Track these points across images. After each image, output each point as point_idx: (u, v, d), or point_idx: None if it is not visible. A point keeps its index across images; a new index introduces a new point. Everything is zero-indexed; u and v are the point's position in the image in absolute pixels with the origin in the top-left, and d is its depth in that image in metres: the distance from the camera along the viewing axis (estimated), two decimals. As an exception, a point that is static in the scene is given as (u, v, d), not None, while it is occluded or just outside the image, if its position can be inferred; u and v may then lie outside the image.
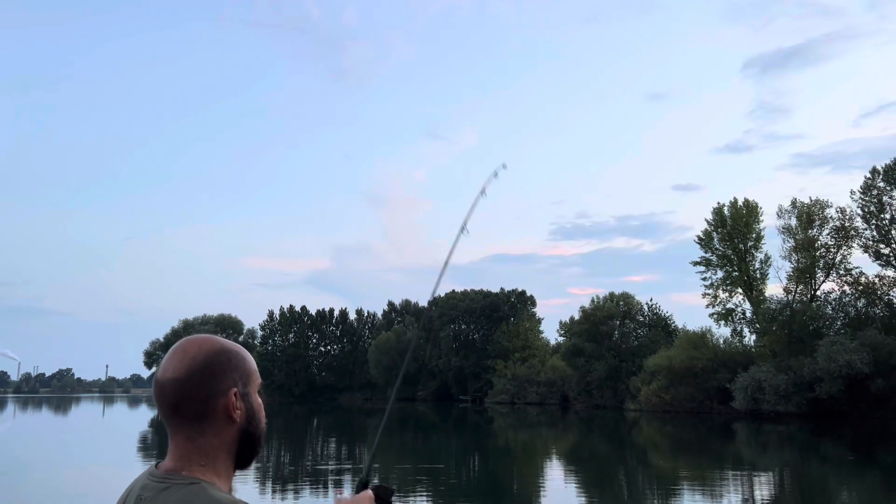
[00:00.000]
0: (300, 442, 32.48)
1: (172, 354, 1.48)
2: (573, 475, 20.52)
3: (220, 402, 1.45)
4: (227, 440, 1.47)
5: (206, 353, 1.47)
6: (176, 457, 1.44)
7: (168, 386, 1.44)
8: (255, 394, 1.54)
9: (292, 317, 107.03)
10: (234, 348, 1.52)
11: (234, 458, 1.49)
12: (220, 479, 1.44)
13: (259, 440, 1.53)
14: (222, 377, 1.47)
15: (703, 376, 51.99)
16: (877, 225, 48.23)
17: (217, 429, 1.45)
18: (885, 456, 26.13)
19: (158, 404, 1.46)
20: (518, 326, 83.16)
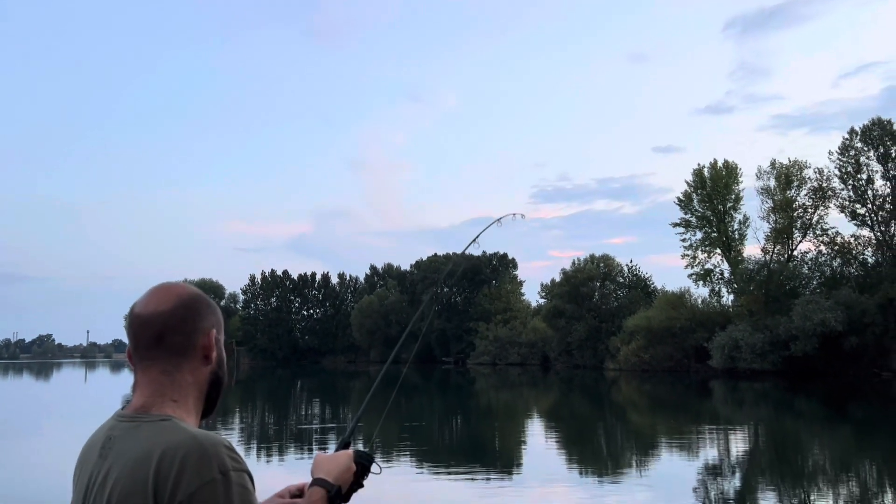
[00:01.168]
0: (284, 404, 32.71)
1: (155, 291, 1.49)
2: (554, 433, 20.89)
3: (201, 340, 1.48)
4: (200, 379, 1.49)
5: (191, 294, 1.51)
6: (148, 392, 1.44)
7: (153, 318, 1.45)
8: (222, 345, 1.57)
9: (274, 281, 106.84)
10: (210, 299, 1.57)
11: (203, 400, 1.51)
12: (191, 417, 1.45)
13: (224, 386, 1.56)
14: (204, 317, 1.50)
15: (681, 336, 52.84)
16: (854, 185, 48.81)
17: (193, 367, 1.47)
18: (856, 411, 26.85)
19: (136, 338, 1.46)
20: (500, 289, 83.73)
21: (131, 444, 1.35)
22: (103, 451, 1.39)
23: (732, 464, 14.28)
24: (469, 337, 79.86)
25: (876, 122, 48.11)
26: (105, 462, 1.36)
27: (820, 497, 10.99)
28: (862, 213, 48.71)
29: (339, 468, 1.68)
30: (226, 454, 1.31)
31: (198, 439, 1.31)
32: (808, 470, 13.94)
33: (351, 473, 1.70)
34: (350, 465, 1.70)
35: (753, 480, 12.47)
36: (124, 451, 1.35)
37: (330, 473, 1.63)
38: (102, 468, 1.36)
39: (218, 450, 1.30)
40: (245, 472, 1.33)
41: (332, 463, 1.68)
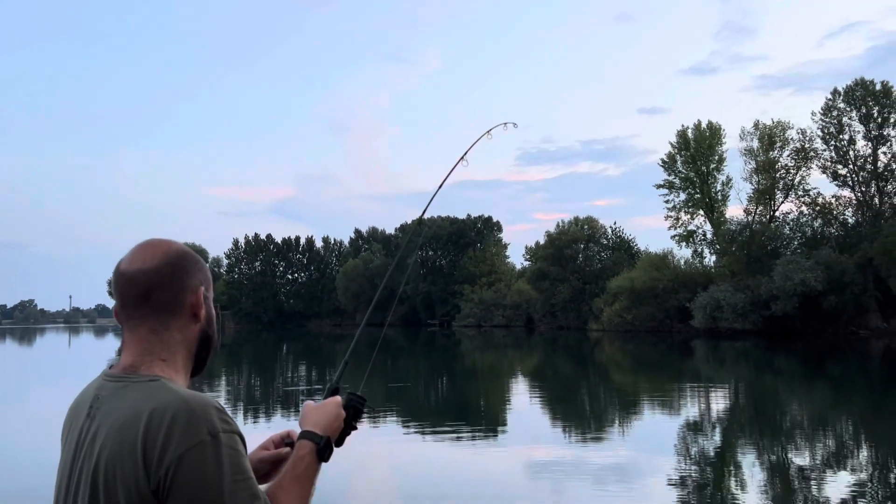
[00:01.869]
0: (270, 367, 32.83)
1: (142, 248, 1.46)
2: (538, 393, 21.16)
3: (189, 297, 1.45)
4: (189, 338, 1.46)
5: (178, 251, 1.47)
6: (136, 351, 1.41)
7: (140, 276, 1.41)
8: (211, 303, 1.54)
9: (258, 245, 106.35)
10: (199, 256, 1.53)
11: (192, 359, 1.48)
12: (179, 377, 1.42)
13: (213, 345, 1.53)
14: (192, 274, 1.47)
15: (663, 296, 53.37)
16: (835, 146, 49.03)
17: (181, 325, 1.44)
18: (834, 369, 27.39)
19: (123, 296, 1.43)
20: (484, 252, 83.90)
21: (119, 404, 1.33)
22: (91, 411, 1.37)
23: (713, 421, 14.56)
24: (454, 300, 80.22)
25: (859, 82, 48.15)
26: (93, 422, 1.35)
27: (798, 452, 11.25)
28: (843, 174, 49.04)
29: (328, 418, 1.61)
30: (215, 415, 1.29)
31: (187, 401, 1.29)
32: (786, 426, 14.25)
33: (340, 421, 1.65)
34: (339, 413, 1.65)
35: (733, 437, 12.74)
36: (112, 411, 1.33)
37: (318, 425, 1.58)
38: (91, 428, 1.35)
39: (207, 411, 1.28)
40: (236, 433, 1.31)
41: (320, 413, 1.62)
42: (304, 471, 1.47)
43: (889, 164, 47.32)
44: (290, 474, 1.45)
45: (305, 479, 1.46)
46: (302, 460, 1.49)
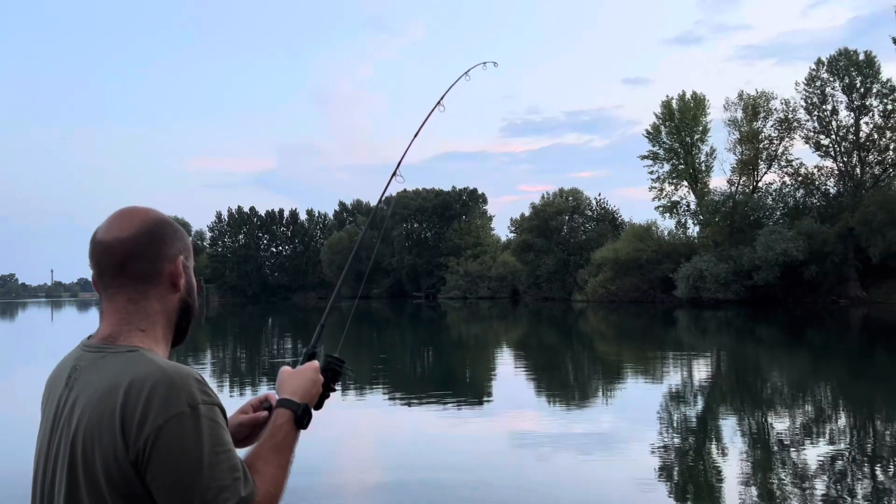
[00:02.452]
0: (255, 340, 32.83)
1: (119, 216, 1.44)
2: (523, 363, 21.33)
3: (167, 267, 1.43)
4: (169, 308, 1.45)
5: (155, 219, 1.45)
6: (114, 321, 1.40)
7: (116, 245, 1.39)
8: (192, 272, 1.53)
9: (241, 218, 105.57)
10: (178, 224, 1.51)
11: (173, 329, 1.47)
12: (159, 347, 1.41)
13: (194, 314, 1.52)
14: (170, 243, 1.45)
15: (647, 267, 53.77)
16: (819, 116, 49.26)
17: (160, 294, 1.43)
18: (814, 337, 27.80)
19: (99, 265, 1.41)
20: (470, 224, 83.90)
21: (97, 375, 1.32)
22: (69, 382, 1.36)
23: (695, 389, 14.76)
24: (439, 272, 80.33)
25: (842, 52, 48.25)
26: (72, 392, 1.34)
27: (778, 419, 11.44)
28: (826, 144, 49.35)
29: (305, 384, 1.57)
30: (195, 387, 1.28)
31: (166, 371, 1.28)
32: (767, 394, 14.47)
33: (318, 386, 1.61)
34: (316, 379, 1.61)
35: (715, 404, 12.92)
36: (90, 382, 1.32)
37: (295, 392, 1.54)
38: (69, 399, 1.33)
39: (187, 382, 1.27)
40: (216, 405, 1.30)
41: (298, 379, 1.58)
42: (283, 440, 1.45)
43: (871, 134, 47.65)
44: (268, 443, 1.43)
45: (284, 447, 1.44)
46: (280, 429, 1.46)
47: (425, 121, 2.45)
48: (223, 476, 1.25)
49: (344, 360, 1.73)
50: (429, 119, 2.45)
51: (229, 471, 1.26)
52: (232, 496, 1.25)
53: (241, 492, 1.26)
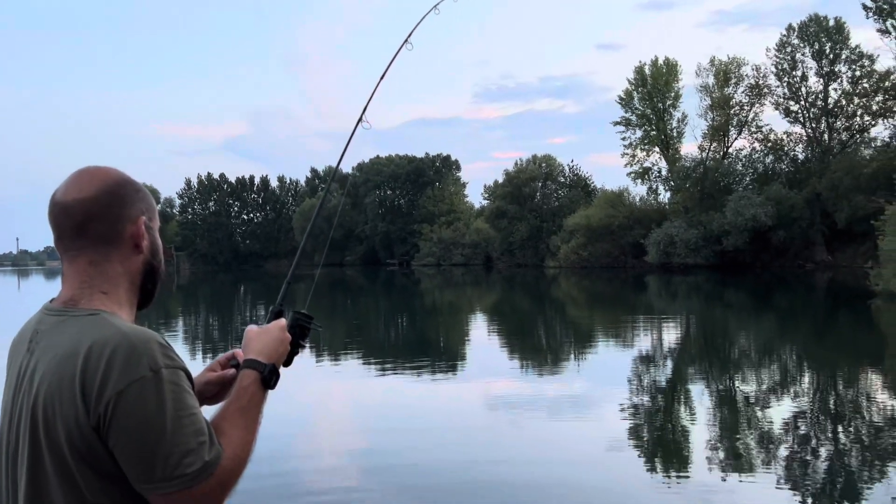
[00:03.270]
0: (228, 307, 32.65)
1: (78, 176, 1.40)
2: (496, 329, 21.52)
3: (129, 228, 1.40)
4: (132, 270, 1.42)
5: (116, 179, 1.42)
6: (75, 284, 1.37)
7: (75, 206, 1.36)
8: (157, 232, 1.49)
9: (211, 185, 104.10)
10: (140, 184, 1.47)
11: (137, 291, 1.45)
12: (123, 310, 1.39)
13: (160, 276, 1.49)
14: (132, 204, 1.42)
15: (619, 233, 54.25)
16: (788, 82, 49.66)
17: (123, 256, 1.40)
18: (780, 301, 28.38)
19: (58, 227, 1.38)
20: (443, 191, 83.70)
21: (58, 339, 1.30)
22: (31, 346, 1.34)
23: (665, 352, 15.03)
24: (413, 239, 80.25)
25: (813, 18, 48.48)
26: (32, 357, 1.32)
27: (744, 380, 11.71)
28: (795, 110, 49.86)
29: (272, 343, 1.55)
30: (158, 350, 1.26)
31: (127, 335, 1.26)
32: (734, 356, 14.79)
33: (286, 345, 1.58)
34: (283, 337, 1.58)
35: (684, 367, 13.19)
36: (51, 346, 1.30)
37: (262, 352, 1.51)
38: (30, 363, 1.32)
39: (148, 346, 1.25)
40: (179, 368, 1.28)
41: (264, 339, 1.55)
42: (249, 401, 1.43)
43: (839, 100, 48.17)
44: (234, 405, 1.41)
45: (250, 409, 1.42)
46: (246, 391, 1.44)
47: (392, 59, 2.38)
48: (187, 440, 1.24)
49: (312, 316, 1.70)
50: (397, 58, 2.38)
51: (193, 434, 1.25)
52: (196, 460, 1.24)
53: (205, 456, 1.25)
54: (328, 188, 2.36)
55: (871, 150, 46.35)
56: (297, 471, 7.03)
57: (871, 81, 46.43)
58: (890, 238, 23.86)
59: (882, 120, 46.71)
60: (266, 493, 6.01)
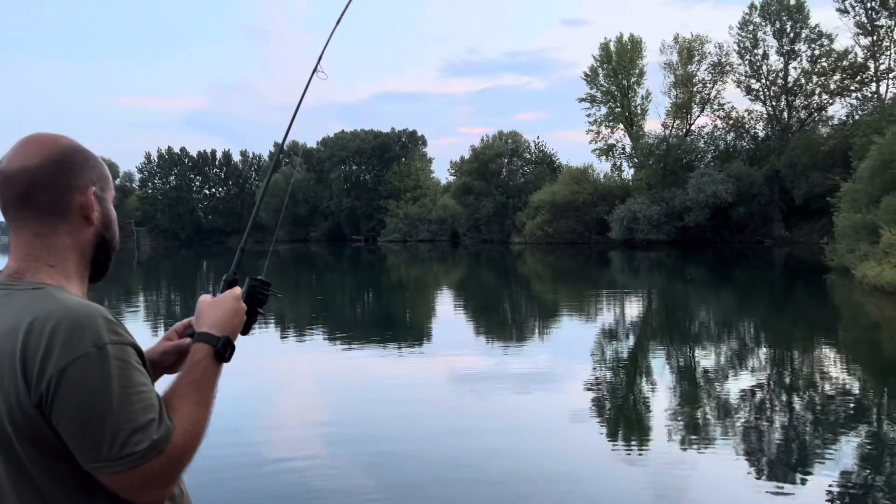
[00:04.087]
0: (190, 283, 32.23)
1: (23, 144, 1.34)
2: (462, 304, 21.63)
3: (77, 198, 1.35)
4: (82, 242, 1.37)
5: (63, 147, 1.36)
6: (20, 257, 1.32)
7: (18, 175, 1.30)
8: (111, 203, 1.44)
9: (172, 159, 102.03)
10: (92, 152, 1.42)
11: (88, 265, 1.39)
12: (71, 283, 1.34)
13: (114, 249, 1.45)
14: (80, 173, 1.36)
15: (583, 209, 54.71)
16: (750, 60, 50.24)
17: (71, 228, 1.35)
18: (739, 276, 29.00)
19: (3, 197, 1.33)
20: (409, 166, 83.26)
21: (1, 314, 1.25)
22: None
23: (627, 327, 15.28)
24: (379, 215, 79.90)
25: (775, -4, 49.00)
26: None
27: (704, 354, 11.98)
28: (756, 89, 50.53)
29: (226, 314, 1.48)
30: (103, 325, 1.21)
31: (70, 310, 1.21)
32: (694, 330, 15.11)
33: (241, 315, 1.52)
34: (237, 308, 1.52)
35: (645, 341, 13.43)
36: None
37: (214, 324, 1.45)
38: None
39: (93, 321, 1.20)
40: (127, 344, 1.23)
41: (217, 310, 1.48)
42: (201, 376, 1.37)
43: (798, 79, 48.94)
44: (185, 380, 1.36)
45: (203, 383, 1.37)
46: (198, 365, 1.38)
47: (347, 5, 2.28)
48: (135, 417, 1.20)
49: (269, 282, 1.64)
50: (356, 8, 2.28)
51: (142, 411, 1.21)
52: (144, 438, 1.20)
53: (153, 434, 1.21)
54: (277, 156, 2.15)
55: (829, 128, 47.30)
56: (260, 443, 7.02)
57: (830, 61, 47.22)
58: (844, 214, 24.49)
59: (839, 99, 47.65)
60: (228, 465, 6.00)
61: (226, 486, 5.65)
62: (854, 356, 11.88)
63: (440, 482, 5.85)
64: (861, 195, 23.99)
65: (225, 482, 5.72)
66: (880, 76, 45.63)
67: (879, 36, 44.72)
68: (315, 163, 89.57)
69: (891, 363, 11.25)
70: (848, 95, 47.03)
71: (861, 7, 44.78)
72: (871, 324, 15.49)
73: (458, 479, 5.93)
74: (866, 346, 12.82)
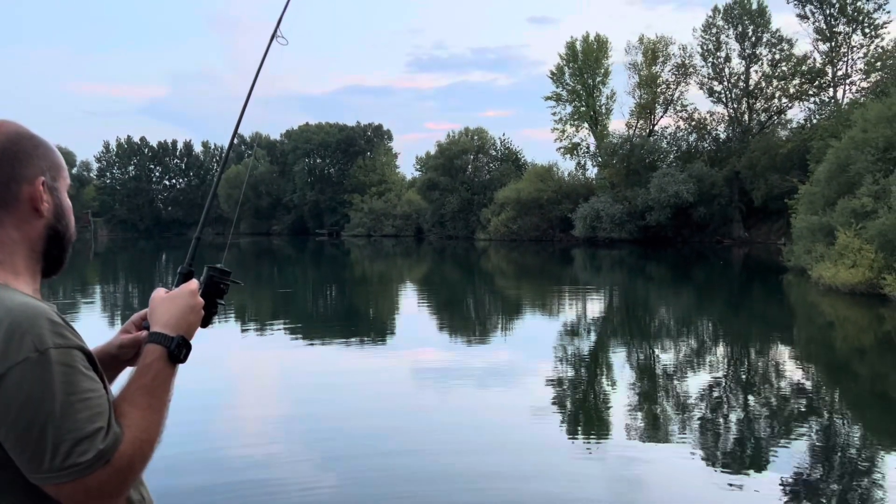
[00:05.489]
0: (149, 276, 31.63)
1: None
2: (425, 299, 21.60)
3: (25, 189, 1.27)
4: (32, 236, 1.29)
5: (8, 133, 1.28)
6: None
7: None
8: (65, 193, 1.36)
9: (131, 148, 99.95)
10: (42, 138, 1.34)
11: (40, 259, 1.31)
12: (20, 280, 1.26)
13: (69, 242, 1.36)
14: (27, 162, 1.28)
15: (547, 207, 55.07)
16: (713, 63, 51.04)
17: (19, 221, 1.27)
18: (698, 274, 29.49)
19: None
20: (374, 161, 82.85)
21: None
22: None
23: (588, 324, 15.42)
24: (343, 209, 79.37)
25: (737, 1, 49.85)
26: None
27: (664, 351, 12.14)
28: (718, 91, 51.37)
29: (180, 311, 1.39)
30: (46, 328, 1.13)
31: (10, 311, 1.14)
32: (654, 327, 15.31)
33: (197, 312, 1.43)
34: (194, 304, 1.42)
35: (606, 338, 13.57)
36: None
37: (168, 323, 1.36)
38: None
39: (35, 323, 1.13)
40: (73, 347, 1.16)
41: (171, 308, 1.39)
42: (153, 380, 1.29)
43: (759, 82, 49.90)
44: (136, 384, 1.28)
45: (155, 388, 1.29)
46: (149, 368, 1.30)
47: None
48: (79, 426, 1.12)
49: (230, 271, 1.55)
50: None
51: (87, 420, 1.13)
52: (90, 448, 1.12)
53: (99, 444, 1.13)
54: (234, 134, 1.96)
55: (787, 131, 48.34)
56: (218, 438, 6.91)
57: (790, 65, 48.24)
58: (802, 216, 25.04)
59: (798, 103, 48.72)
60: (185, 462, 5.88)
61: (182, 485, 5.54)
62: (808, 354, 12.16)
63: (398, 478, 5.82)
64: (818, 198, 24.54)
65: (182, 480, 5.60)
66: (838, 81, 46.81)
67: (837, 42, 45.85)
68: (278, 155, 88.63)
69: (843, 361, 11.54)
70: (806, 100, 48.13)
71: (820, 13, 45.87)
72: (825, 323, 15.87)
73: (415, 475, 5.90)
74: (820, 345, 13.13)
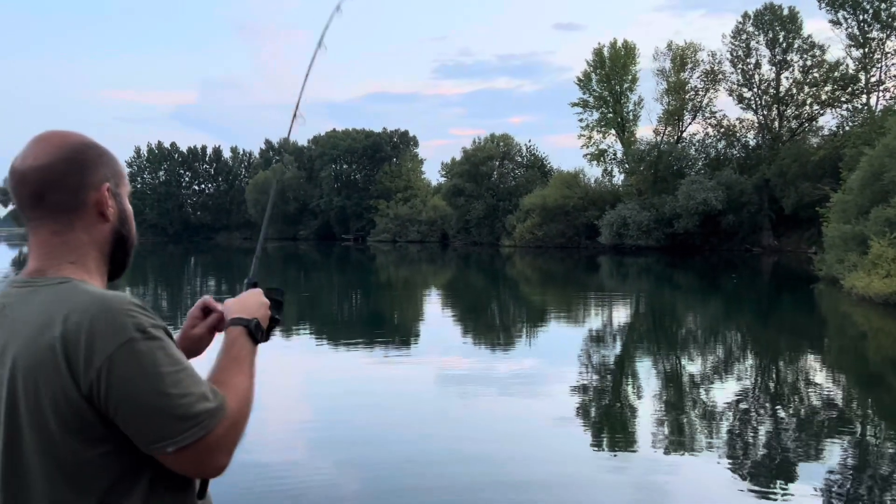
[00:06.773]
0: (177, 279, 32.03)
1: (35, 142, 1.33)
2: (450, 306, 21.57)
3: (92, 195, 1.33)
4: (99, 239, 1.36)
5: (75, 144, 1.34)
6: (41, 255, 1.31)
7: (31, 174, 1.29)
8: (127, 199, 1.44)
9: (161, 154, 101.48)
10: (105, 147, 1.41)
11: (107, 261, 1.39)
12: (93, 279, 1.33)
13: (131, 245, 1.45)
14: (94, 170, 1.35)
15: (573, 214, 54.77)
16: (742, 69, 50.46)
17: (87, 224, 1.34)
18: (726, 283, 29.09)
19: (18, 197, 1.32)
20: (400, 167, 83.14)
21: (28, 309, 1.23)
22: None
23: (614, 332, 15.27)
24: (369, 214, 79.69)
25: (768, 6, 49.26)
26: (2, 332, 1.24)
27: (691, 360, 11.98)
28: (748, 97, 50.76)
29: (252, 304, 1.55)
30: (138, 311, 1.22)
31: (104, 298, 1.21)
32: (681, 336, 15.11)
33: (266, 308, 1.58)
34: (262, 301, 1.58)
35: (632, 346, 13.42)
36: (21, 318, 1.23)
37: (242, 311, 1.51)
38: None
39: (129, 307, 1.21)
40: (161, 326, 1.25)
41: (244, 303, 1.56)
42: (240, 351, 1.42)
43: (790, 88, 49.21)
44: (226, 358, 1.40)
45: (242, 359, 1.41)
46: (234, 342, 1.43)
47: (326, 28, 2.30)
48: (190, 391, 1.22)
49: (283, 290, 1.72)
50: (329, 27, 2.30)
51: (195, 385, 1.23)
52: (206, 406, 1.22)
53: (212, 401, 1.24)
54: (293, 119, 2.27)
55: (819, 138, 47.56)
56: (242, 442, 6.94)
57: (821, 71, 47.50)
58: (833, 225, 24.59)
59: (830, 109, 47.93)
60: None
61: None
62: (840, 365, 11.91)
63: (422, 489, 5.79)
64: (850, 206, 24.09)
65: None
66: (871, 88, 45.96)
67: (871, 48, 45.04)
68: (306, 161, 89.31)
69: (877, 373, 11.29)
70: (839, 106, 47.33)
71: (853, 19, 45.11)
72: (858, 334, 15.55)
73: (440, 485, 5.87)
74: (852, 356, 12.86)
